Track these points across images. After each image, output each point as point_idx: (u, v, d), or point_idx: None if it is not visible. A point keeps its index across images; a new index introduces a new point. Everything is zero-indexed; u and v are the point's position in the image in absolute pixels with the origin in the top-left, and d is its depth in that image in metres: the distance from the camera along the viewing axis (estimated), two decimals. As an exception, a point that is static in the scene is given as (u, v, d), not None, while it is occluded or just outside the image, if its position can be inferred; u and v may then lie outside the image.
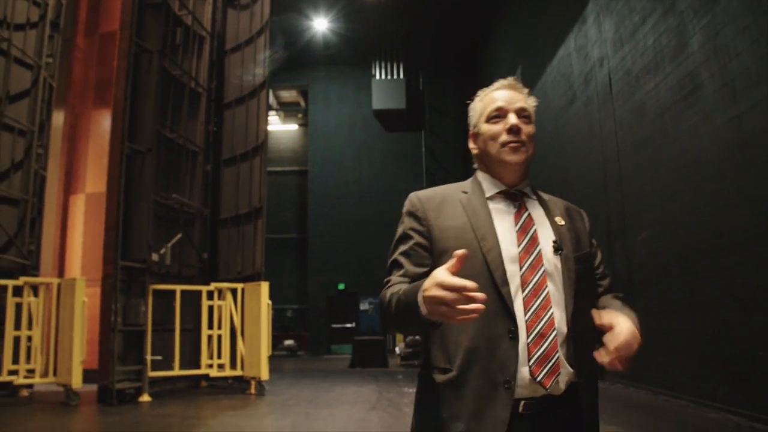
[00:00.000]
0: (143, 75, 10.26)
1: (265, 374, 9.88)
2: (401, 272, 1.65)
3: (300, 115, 25.67)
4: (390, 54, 22.69)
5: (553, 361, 1.49)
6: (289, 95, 25.58)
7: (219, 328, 10.54)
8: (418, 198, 1.74)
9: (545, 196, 1.77)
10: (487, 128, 1.71)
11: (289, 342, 21.23)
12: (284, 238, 23.48)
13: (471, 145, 1.81)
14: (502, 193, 1.70)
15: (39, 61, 10.52)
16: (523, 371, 1.48)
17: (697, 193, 7.46)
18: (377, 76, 22.57)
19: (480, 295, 1.21)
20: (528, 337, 1.50)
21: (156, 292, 9.86)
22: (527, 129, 1.68)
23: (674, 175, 8.05)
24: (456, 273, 1.26)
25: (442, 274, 1.25)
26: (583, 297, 1.60)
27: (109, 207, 9.36)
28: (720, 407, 6.91)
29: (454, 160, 22.59)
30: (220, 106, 12.83)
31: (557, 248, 1.59)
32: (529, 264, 1.55)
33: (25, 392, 9.55)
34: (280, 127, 25.59)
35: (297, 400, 9.26)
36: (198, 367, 10.40)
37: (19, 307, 9.14)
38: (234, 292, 10.60)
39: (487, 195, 1.70)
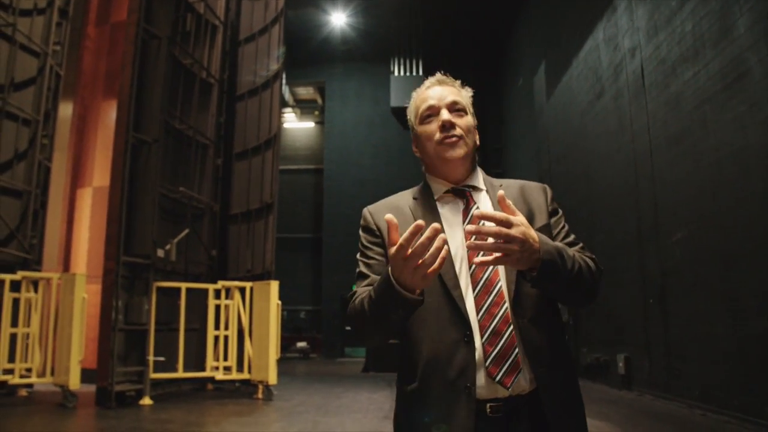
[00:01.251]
0: (151, 62, 9.84)
1: (273, 378, 9.39)
2: (365, 282, 1.64)
3: (316, 113, 25.25)
4: (409, 50, 22.14)
5: (511, 359, 1.46)
6: (305, 92, 25.17)
7: (226, 328, 10.09)
8: (368, 212, 1.75)
9: (499, 182, 1.75)
10: (422, 129, 1.70)
11: (301, 344, 20.84)
12: (299, 238, 23.08)
13: (414, 148, 1.79)
14: (449, 191, 1.69)
15: (46, 49, 10.12)
16: (482, 373, 1.46)
17: (741, 189, 6.86)
18: (395, 73, 22.03)
19: (433, 225, 1.26)
20: (483, 337, 1.48)
21: (160, 289, 9.42)
22: (462, 122, 1.67)
23: (714, 170, 7.44)
24: (426, 290, 1.40)
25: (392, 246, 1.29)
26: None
27: (112, 199, 8.93)
28: (766, 424, 6.30)
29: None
30: (232, 98, 12.40)
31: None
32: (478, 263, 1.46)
33: (24, 392, 9.17)
34: (296, 125, 25.20)
35: (306, 406, 8.75)
36: (203, 369, 9.96)
37: (17, 302, 8.73)
38: (242, 291, 10.13)
39: (436, 197, 1.70)
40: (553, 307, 1.62)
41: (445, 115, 1.66)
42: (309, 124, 25.16)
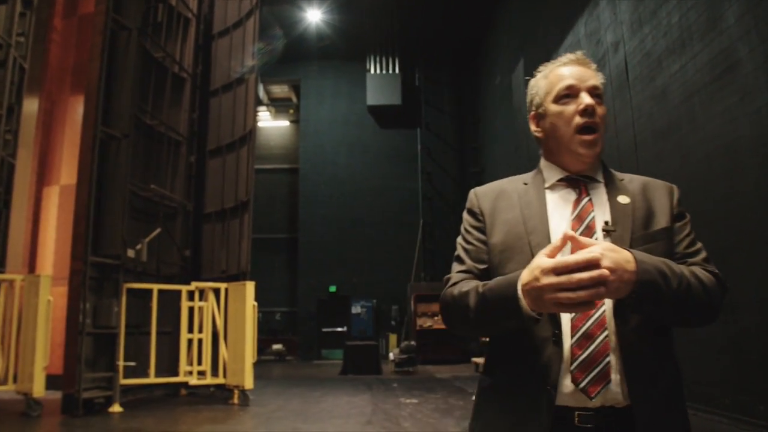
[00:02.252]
0: (121, 54, 9.44)
1: (249, 383, 9.04)
2: (462, 268, 1.57)
3: (291, 111, 24.85)
4: (385, 48, 21.90)
5: (600, 366, 1.33)
6: (280, 90, 24.75)
7: (200, 331, 9.71)
8: (475, 194, 1.67)
9: (620, 176, 1.61)
10: (556, 109, 1.54)
11: (277, 346, 20.44)
12: (274, 239, 22.68)
13: (533, 127, 1.64)
14: (563, 180, 1.57)
15: (8, 40, 9.65)
16: (567, 378, 1.35)
17: (733, 183, 6.70)
18: (372, 71, 21.78)
19: (602, 271, 1.17)
20: (573, 338, 1.36)
21: (131, 291, 9.04)
22: (600, 110, 1.54)
23: (704, 165, 7.29)
24: (510, 271, 1.36)
25: (546, 261, 1.21)
26: None
27: (80, 196, 8.52)
28: (761, 424, 6.13)
29: (451, 158, 21.86)
30: (205, 93, 12.03)
31: (606, 230, 1.41)
32: None
33: (-16, 400, 8.70)
34: (270, 124, 24.77)
35: (284, 412, 8.42)
36: (176, 374, 9.58)
37: (-23, 306, 8.28)
38: (217, 292, 9.77)
39: (547, 184, 1.59)
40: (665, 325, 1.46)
41: (587, 99, 1.50)
42: (284, 123, 24.76)
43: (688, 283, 1.32)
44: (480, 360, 14.34)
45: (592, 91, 1.53)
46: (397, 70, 21.76)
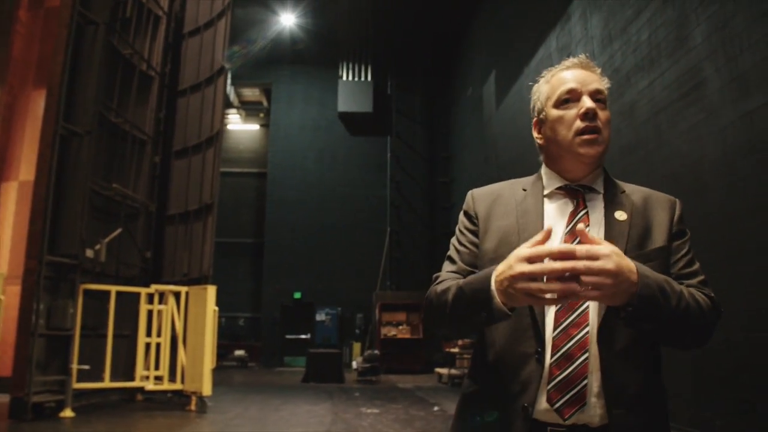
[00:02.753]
0: (86, 49, 9.22)
1: (207, 389, 8.85)
2: (452, 268, 1.54)
3: (262, 115, 24.64)
4: (358, 55, 21.86)
5: (576, 389, 1.30)
6: (251, 93, 24.55)
7: (158, 335, 9.49)
8: (472, 196, 1.64)
9: (623, 187, 1.55)
10: (556, 113, 1.50)
11: (239, 352, 20.15)
12: (239, 243, 22.42)
13: (535, 134, 1.61)
14: (562, 188, 1.52)
15: (-31, 30, 9.37)
16: (544, 396, 1.33)
17: (697, 200, 6.75)
18: (344, 77, 21.70)
19: (576, 263, 1.13)
20: (552, 357, 1.33)
21: (88, 292, 8.79)
22: (603, 114, 1.49)
23: (670, 182, 7.34)
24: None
25: (524, 249, 1.19)
26: None
27: (37, 193, 8.27)
28: (718, 442, 6.17)
29: (421, 167, 21.86)
30: (173, 93, 11.83)
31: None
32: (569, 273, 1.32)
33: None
34: (240, 127, 24.54)
35: (242, 419, 8.25)
36: (132, 378, 9.34)
37: (-76, 304, 7.96)
38: (177, 296, 9.57)
39: (546, 192, 1.55)
40: (653, 345, 1.44)
41: (588, 102, 1.46)
42: (254, 127, 24.53)
43: (686, 305, 1.29)
44: (443, 371, 14.30)
45: (595, 95, 1.49)
46: (369, 78, 21.72)
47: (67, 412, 7.94)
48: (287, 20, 20.85)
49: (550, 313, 1.37)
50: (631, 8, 8.36)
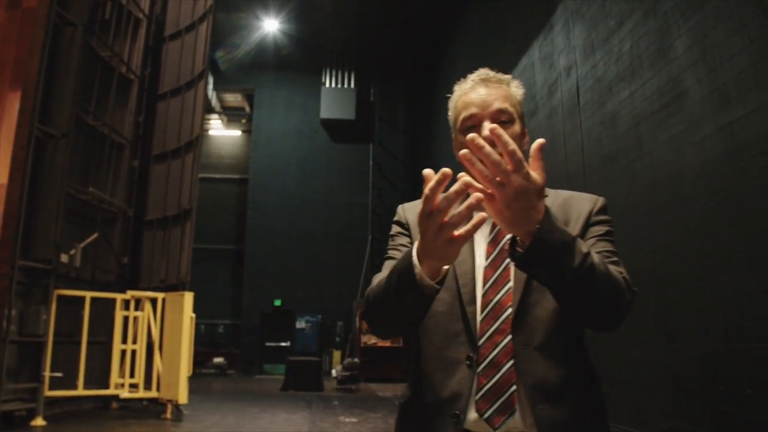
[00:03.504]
0: (64, 50, 9.07)
1: (183, 397, 8.70)
2: (389, 266, 1.45)
3: (244, 121, 24.51)
4: (341, 62, 21.83)
5: (504, 397, 1.29)
6: (233, 99, 24.40)
7: (134, 342, 9.32)
8: (402, 208, 1.64)
9: (546, 193, 1.32)
10: (462, 139, 1.48)
11: (218, 360, 19.95)
12: (220, 249, 22.24)
13: (454, 150, 1.55)
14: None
15: (-57, 29, 9.19)
16: (473, 406, 1.31)
17: (677, 210, 6.76)
18: (327, 84, 21.67)
19: (478, 195, 1.09)
20: (479, 366, 1.32)
21: (62, 298, 8.60)
22: (508, 133, 1.27)
23: (650, 191, 7.35)
24: (440, 297, 1.28)
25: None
26: (542, 305, 1.33)
27: (10, 196, 8.07)
28: (697, 452, 6.15)
29: (403, 175, 21.86)
30: (153, 97, 11.69)
31: (511, 253, 1.19)
32: (494, 280, 1.37)
33: None
34: (222, 132, 24.37)
35: (219, 428, 8.12)
36: (107, 386, 9.15)
37: None
38: (154, 302, 9.41)
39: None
40: (574, 334, 1.39)
41: (485, 130, 1.35)
42: (235, 133, 24.38)
43: (592, 267, 1.16)
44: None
45: (496, 117, 1.45)
46: (352, 85, 21.71)
47: (39, 421, 7.76)
48: (270, 26, 20.79)
49: (478, 320, 1.35)
50: (614, 18, 8.39)
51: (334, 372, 16.13)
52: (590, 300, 1.22)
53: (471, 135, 1.07)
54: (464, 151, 1.09)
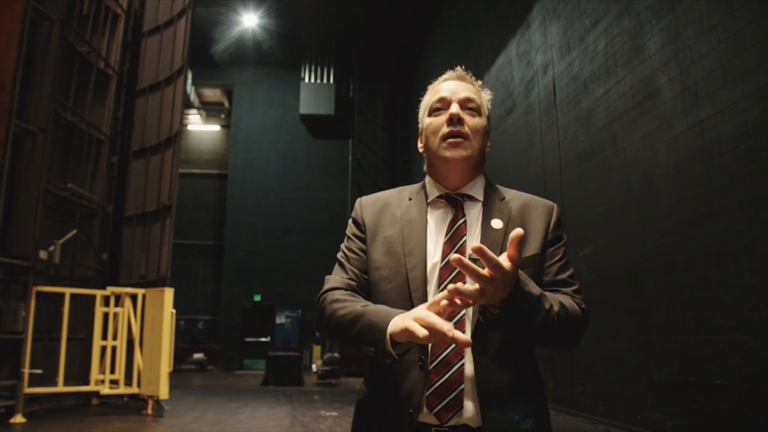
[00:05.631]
0: (41, 45, 9.01)
1: (164, 393, 8.72)
2: (343, 275, 1.57)
3: (223, 116, 24.41)
4: (321, 57, 21.80)
5: (453, 394, 1.36)
6: (212, 94, 24.30)
7: (114, 338, 9.31)
8: (360, 204, 1.67)
9: (503, 194, 1.58)
10: (428, 121, 1.57)
11: (198, 355, 19.89)
12: (199, 245, 22.16)
13: (419, 143, 1.65)
14: (443, 197, 1.56)
15: None
16: (425, 402, 1.38)
17: (650, 206, 6.94)
18: (306, 80, 21.62)
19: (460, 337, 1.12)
20: (431, 365, 1.38)
21: (41, 294, 8.57)
22: (472, 122, 1.52)
23: (623, 187, 7.53)
24: (384, 290, 1.48)
25: (423, 314, 1.17)
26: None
27: (-12, 193, 8.03)
28: (669, 441, 6.33)
29: (382, 171, 21.92)
30: (132, 92, 11.64)
31: (473, 260, 1.24)
32: (449, 282, 1.41)
33: None
34: (200, 127, 24.25)
35: (199, 423, 8.16)
36: (87, 382, 9.14)
37: None
38: (134, 298, 9.41)
39: (429, 200, 1.58)
40: (527, 345, 1.47)
41: (454, 108, 1.50)
42: (214, 128, 24.28)
43: (553, 319, 1.31)
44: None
45: (464, 103, 1.53)
46: (331, 80, 21.69)
47: (18, 418, 7.74)
48: (249, 21, 20.70)
49: None
50: (589, 18, 8.54)
51: (314, 367, 16.19)
52: (549, 340, 1.40)
53: (455, 257, 1.11)
54: (455, 258, 1.11)
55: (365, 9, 19.99)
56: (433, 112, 1.56)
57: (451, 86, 1.56)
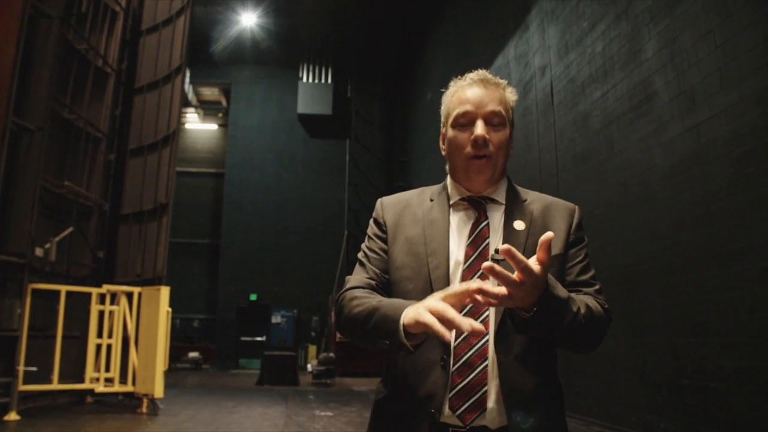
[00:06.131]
0: (40, 43, 9.01)
1: (159, 391, 8.72)
2: (363, 274, 1.58)
3: (220, 115, 24.40)
4: (319, 57, 21.83)
5: (477, 395, 1.36)
6: (210, 93, 24.29)
7: (110, 336, 9.30)
8: (381, 204, 1.67)
9: (524, 196, 1.60)
10: (453, 135, 1.54)
11: (194, 354, 19.87)
12: (196, 244, 22.15)
13: (441, 144, 1.65)
14: (465, 199, 1.57)
15: None
16: (447, 403, 1.38)
17: (646, 209, 6.96)
18: (304, 79, 21.65)
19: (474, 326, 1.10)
20: (453, 366, 1.39)
21: (36, 292, 8.56)
22: (497, 137, 1.51)
23: (620, 191, 7.55)
24: (406, 290, 1.48)
25: (437, 303, 1.17)
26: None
27: (-16, 190, 8.03)
28: (663, 444, 6.35)
29: (379, 171, 21.93)
30: (130, 90, 11.63)
31: (495, 260, 1.23)
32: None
33: None
34: (198, 126, 24.24)
35: (194, 422, 8.16)
36: (82, 380, 9.13)
37: None
38: (130, 296, 9.40)
39: (451, 201, 1.58)
40: (550, 347, 1.49)
41: (479, 129, 1.48)
42: (212, 127, 24.27)
43: (580, 322, 1.33)
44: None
45: (490, 118, 1.50)
46: (329, 80, 21.72)
47: (12, 415, 7.73)
48: (248, 20, 20.72)
49: None
50: (587, 20, 8.56)
51: (309, 366, 16.18)
52: (574, 342, 1.42)
53: (487, 265, 1.13)
54: (487, 266, 1.13)
55: (364, 9, 20.03)
56: (457, 125, 1.53)
57: (476, 96, 1.52)
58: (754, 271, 5.24)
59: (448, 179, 1.64)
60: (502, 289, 1.16)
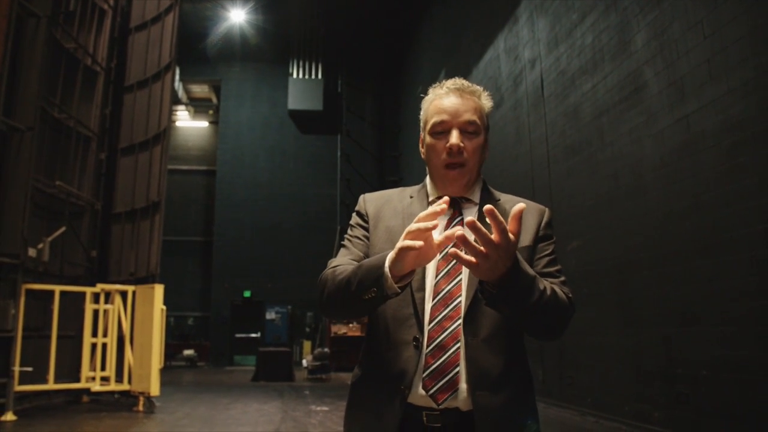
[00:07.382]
0: (28, 42, 8.96)
1: (155, 389, 8.73)
2: (347, 255, 1.66)
3: (211, 112, 24.34)
4: (309, 53, 21.80)
5: (449, 376, 1.44)
6: (200, 90, 24.21)
7: (105, 335, 9.30)
8: (363, 198, 1.77)
9: (498, 197, 1.70)
10: (430, 141, 1.63)
11: (188, 352, 19.86)
12: (188, 241, 22.13)
13: (420, 147, 1.72)
14: (442, 197, 1.53)
15: None
16: (419, 382, 1.45)
17: (637, 200, 7.01)
18: (294, 75, 21.62)
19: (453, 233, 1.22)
20: (427, 347, 1.46)
21: (30, 292, 8.55)
22: (471, 145, 1.59)
23: (611, 181, 7.60)
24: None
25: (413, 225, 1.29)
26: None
27: (-24, 191, 8.00)
28: (656, 430, 6.42)
29: (371, 166, 21.95)
30: (119, 89, 11.58)
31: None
32: (446, 272, 1.52)
33: None
34: (189, 123, 24.18)
35: (190, 419, 8.18)
36: (78, 380, 9.13)
37: None
38: (124, 295, 9.40)
39: (430, 199, 1.68)
40: (517, 330, 1.55)
41: (454, 138, 1.56)
42: (202, 124, 24.21)
43: (547, 302, 1.39)
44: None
45: (465, 127, 1.57)
46: (320, 76, 21.70)
47: (9, 416, 7.73)
48: (237, 16, 20.65)
49: (427, 306, 1.50)
50: (576, 12, 8.59)
51: (304, 362, 16.23)
52: (539, 324, 1.47)
53: (469, 219, 1.18)
54: (470, 220, 1.18)
55: (353, 4, 19.99)
56: (434, 133, 1.60)
57: (452, 106, 1.59)
58: (744, 261, 5.30)
59: (427, 179, 1.72)
60: (480, 247, 1.21)
